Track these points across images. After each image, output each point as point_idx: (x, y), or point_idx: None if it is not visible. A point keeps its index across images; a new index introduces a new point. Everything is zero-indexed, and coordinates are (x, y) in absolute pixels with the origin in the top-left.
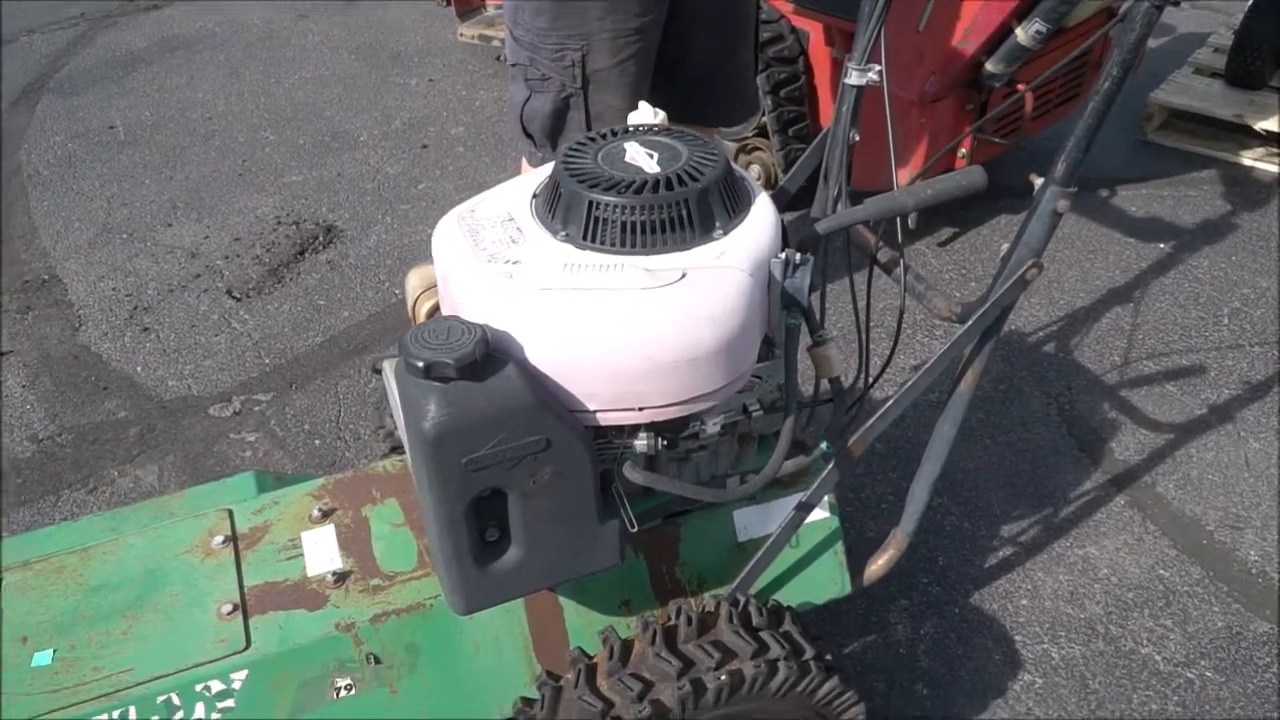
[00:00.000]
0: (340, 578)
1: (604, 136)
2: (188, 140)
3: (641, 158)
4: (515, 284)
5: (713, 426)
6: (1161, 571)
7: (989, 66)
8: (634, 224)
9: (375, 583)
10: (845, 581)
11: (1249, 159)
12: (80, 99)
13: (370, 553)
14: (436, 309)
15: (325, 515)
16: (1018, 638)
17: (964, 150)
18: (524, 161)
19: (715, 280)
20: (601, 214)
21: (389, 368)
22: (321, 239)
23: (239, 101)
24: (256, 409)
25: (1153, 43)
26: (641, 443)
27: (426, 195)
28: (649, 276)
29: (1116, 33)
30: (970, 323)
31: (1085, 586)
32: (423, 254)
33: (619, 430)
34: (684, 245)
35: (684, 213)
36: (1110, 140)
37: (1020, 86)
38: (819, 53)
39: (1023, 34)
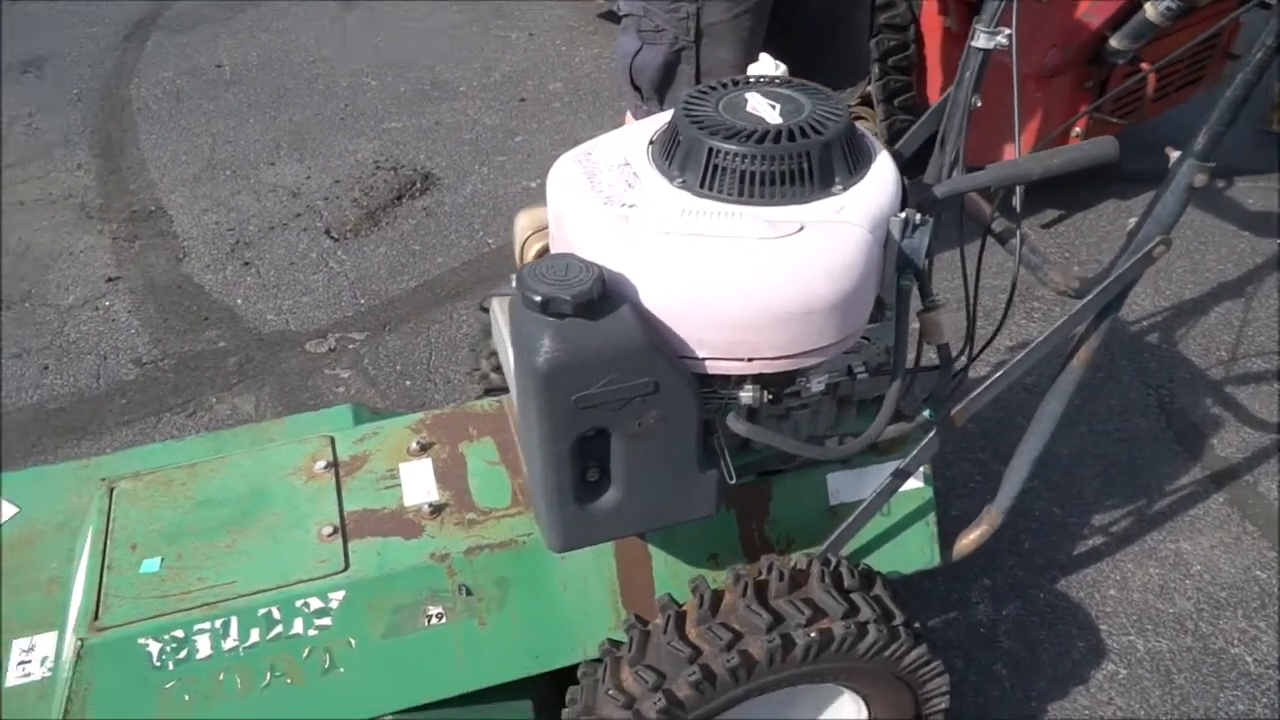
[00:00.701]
0: (436, 509)
1: (724, 86)
2: (292, 82)
3: (764, 108)
4: (632, 227)
5: (817, 384)
6: (1258, 573)
7: (1113, 43)
8: (753, 174)
9: (470, 517)
10: (935, 553)
11: None
12: (189, 37)
13: (466, 488)
14: (545, 251)
15: (423, 449)
16: (1103, 627)
17: (1079, 129)
18: (628, 115)
19: (834, 235)
20: (721, 162)
21: (498, 305)
22: (419, 185)
23: (343, 47)
24: (350, 347)
25: None
26: (747, 394)
27: (523, 148)
28: (768, 227)
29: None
30: (1090, 297)
31: (1176, 581)
32: (518, 205)
33: (725, 380)
34: (802, 198)
35: (805, 165)
36: (1232, 129)
37: (1144, 65)
38: (931, 21)
39: (1152, 9)
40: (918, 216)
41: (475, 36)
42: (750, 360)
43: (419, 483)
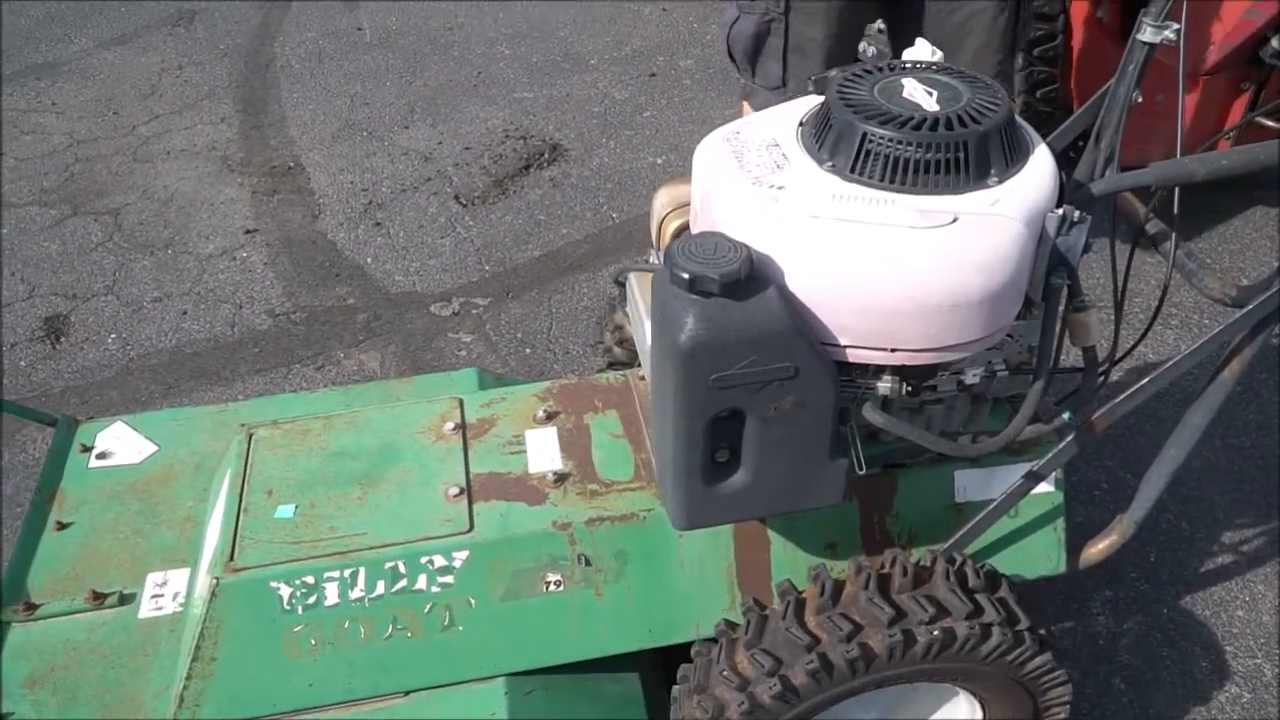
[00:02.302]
0: (560, 478)
1: (880, 70)
2: (428, 48)
3: (920, 94)
4: (782, 208)
5: (957, 379)
6: None
7: (1275, 43)
8: (907, 160)
9: (592, 488)
10: (1061, 560)
11: None
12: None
13: (589, 459)
14: (684, 228)
15: (549, 417)
16: (1228, 648)
17: (1231, 130)
18: (744, 105)
19: (988, 228)
20: (874, 147)
21: (635, 280)
22: (547, 156)
23: (478, 14)
24: (474, 312)
25: None
26: (885, 385)
27: (651, 124)
28: (920, 216)
29: None
30: (1250, 308)
31: None
32: (644, 180)
33: (864, 369)
34: (957, 189)
35: (961, 155)
36: None
37: None
38: (1082, 12)
39: None
40: (1075, 214)
41: (609, 9)
42: (893, 351)
43: (544, 450)
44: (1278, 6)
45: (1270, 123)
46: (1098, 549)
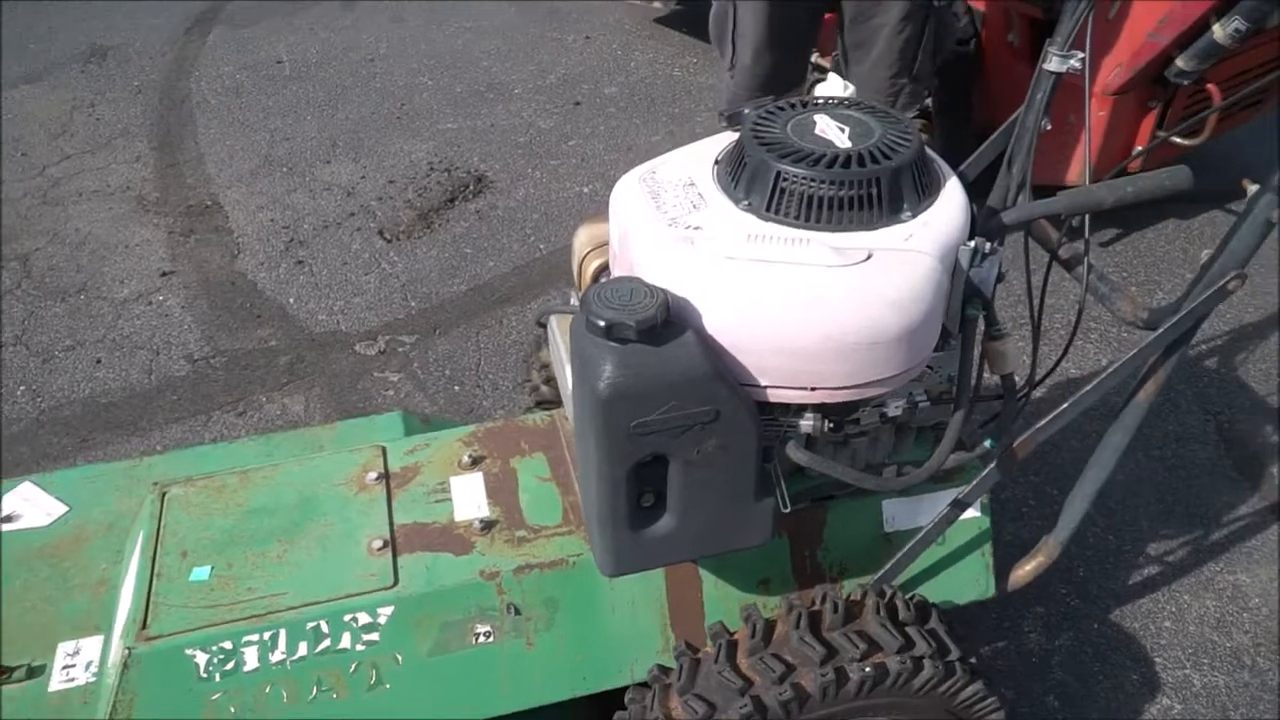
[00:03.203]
0: (487, 526)
1: (793, 107)
2: (349, 80)
3: (832, 131)
4: (697, 251)
5: (879, 413)
6: None
7: (1179, 63)
8: (821, 198)
9: (520, 534)
10: (990, 584)
11: None
12: (250, 32)
13: (517, 504)
14: (604, 268)
15: (475, 462)
16: (1158, 660)
17: (1140, 147)
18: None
19: (902, 264)
20: (788, 185)
21: (556, 323)
22: (472, 188)
23: (400, 46)
24: (400, 350)
25: None
26: (807, 423)
27: (576, 152)
28: (835, 254)
29: None
30: (1161, 330)
31: (1234, 615)
32: (571, 210)
33: (785, 408)
34: (871, 225)
35: (874, 191)
36: None
37: (1209, 86)
38: (994, 36)
39: (1220, 31)
40: (987, 245)
41: (531, 38)
42: (813, 390)
43: (470, 497)
44: (1181, 28)
45: (1180, 140)
46: (1025, 570)
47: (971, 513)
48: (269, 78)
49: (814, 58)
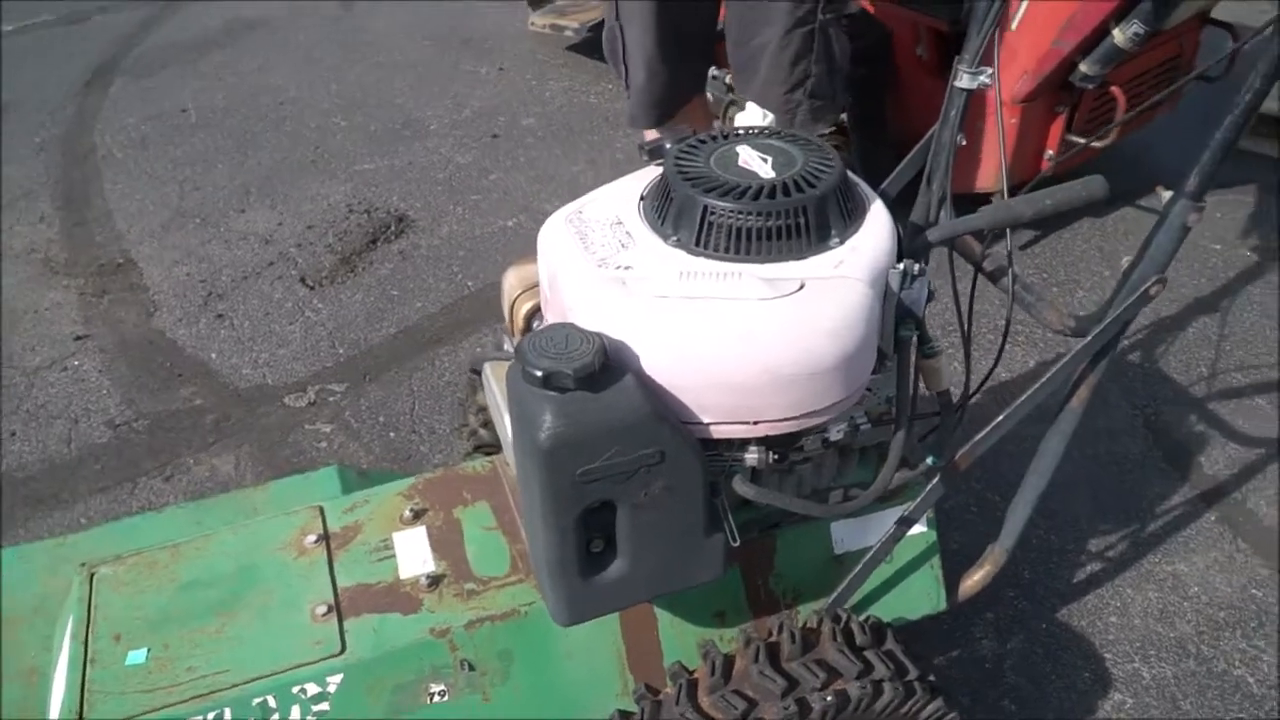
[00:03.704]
0: (434, 581)
1: (714, 139)
2: (259, 125)
3: (755, 162)
4: (629, 291)
5: (821, 440)
6: (1254, 591)
7: (1083, 68)
8: (749, 230)
9: (469, 587)
10: (941, 597)
11: None
12: (153, 80)
13: (463, 556)
14: (536, 310)
15: (417, 516)
16: (1107, 656)
17: (1050, 152)
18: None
19: (835, 291)
20: (716, 219)
21: (490, 370)
22: (393, 228)
23: (310, 87)
24: (331, 400)
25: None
26: (752, 456)
27: (498, 186)
28: (767, 286)
29: (1259, 46)
30: (1089, 339)
31: (1175, 604)
32: (497, 246)
33: (729, 443)
34: (800, 254)
35: (801, 220)
36: (1196, 143)
37: (1113, 89)
38: (904, 50)
39: (1120, 36)
40: (916, 267)
41: (444, 73)
42: (756, 423)
43: (414, 553)
44: (1083, 35)
45: (1085, 141)
46: (974, 580)
47: (918, 528)
48: (175, 127)
49: (727, 79)
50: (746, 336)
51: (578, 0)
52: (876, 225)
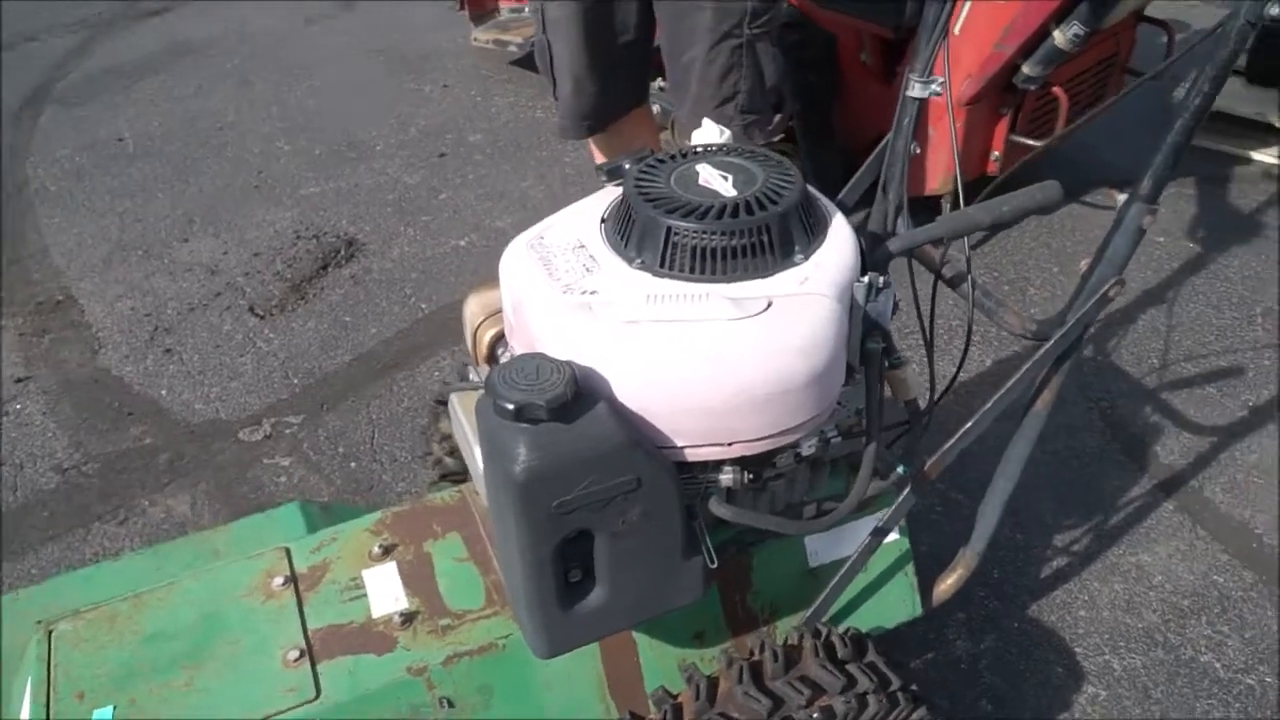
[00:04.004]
0: (408, 618)
1: (673, 158)
2: (200, 152)
3: (716, 180)
4: (597, 317)
5: (795, 454)
6: (1215, 577)
7: (1025, 69)
8: (714, 250)
9: (444, 622)
10: (916, 604)
11: (1270, 156)
12: (86, 109)
13: (436, 590)
14: (500, 337)
15: (386, 552)
16: (1078, 649)
17: (996, 153)
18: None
19: (803, 309)
20: (680, 240)
21: (457, 401)
22: (343, 253)
23: (250, 110)
24: (288, 432)
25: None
26: (727, 476)
27: (448, 205)
28: (735, 307)
29: (1209, 48)
30: (1051, 343)
31: (1141, 595)
32: (450, 267)
33: (703, 465)
34: (766, 272)
35: (765, 238)
36: (1136, 139)
37: (1055, 89)
38: (848, 57)
39: (1060, 37)
40: (880, 279)
41: (388, 92)
42: (731, 444)
43: (386, 590)
44: (1023, 38)
45: (1029, 141)
46: (947, 584)
47: (891, 536)
48: (111, 157)
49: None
50: (718, 358)
51: (520, 15)
52: (839, 239)
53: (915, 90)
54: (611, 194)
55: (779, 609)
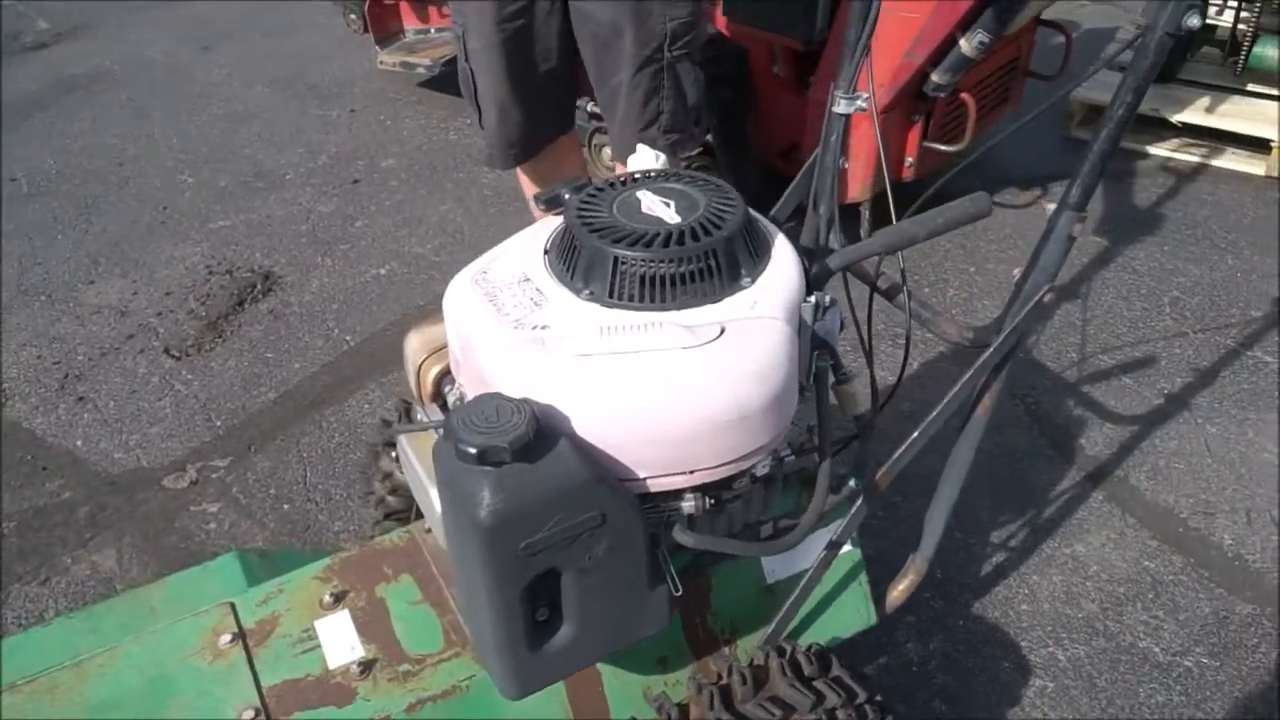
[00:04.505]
0: (366, 667)
1: (613, 186)
2: (99, 189)
3: (659, 207)
4: (551, 352)
5: (750, 475)
6: (1146, 563)
7: (934, 77)
8: (664, 278)
9: (404, 669)
10: (871, 613)
11: (1166, 150)
12: None
13: (393, 636)
14: (445, 374)
15: (337, 600)
16: (1023, 643)
17: (910, 159)
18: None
19: (756, 333)
20: (628, 269)
21: (408, 442)
22: (260, 287)
23: (150, 144)
24: (215, 476)
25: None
26: (688, 504)
27: (365, 233)
28: (690, 334)
29: (1130, 59)
30: (990, 351)
31: (1079, 585)
32: (372, 296)
33: (664, 494)
34: (715, 297)
35: (713, 263)
36: (1038, 139)
37: (963, 95)
38: (761, 70)
39: (967, 45)
40: (827, 298)
41: (292, 120)
42: (692, 473)
43: (341, 639)
44: (931, 47)
45: (941, 146)
46: (899, 591)
47: (844, 548)
48: (5, 199)
49: (589, 107)
50: (676, 388)
51: (427, 37)
52: (783, 260)
53: (841, 106)
54: (551, 224)
55: (739, 628)
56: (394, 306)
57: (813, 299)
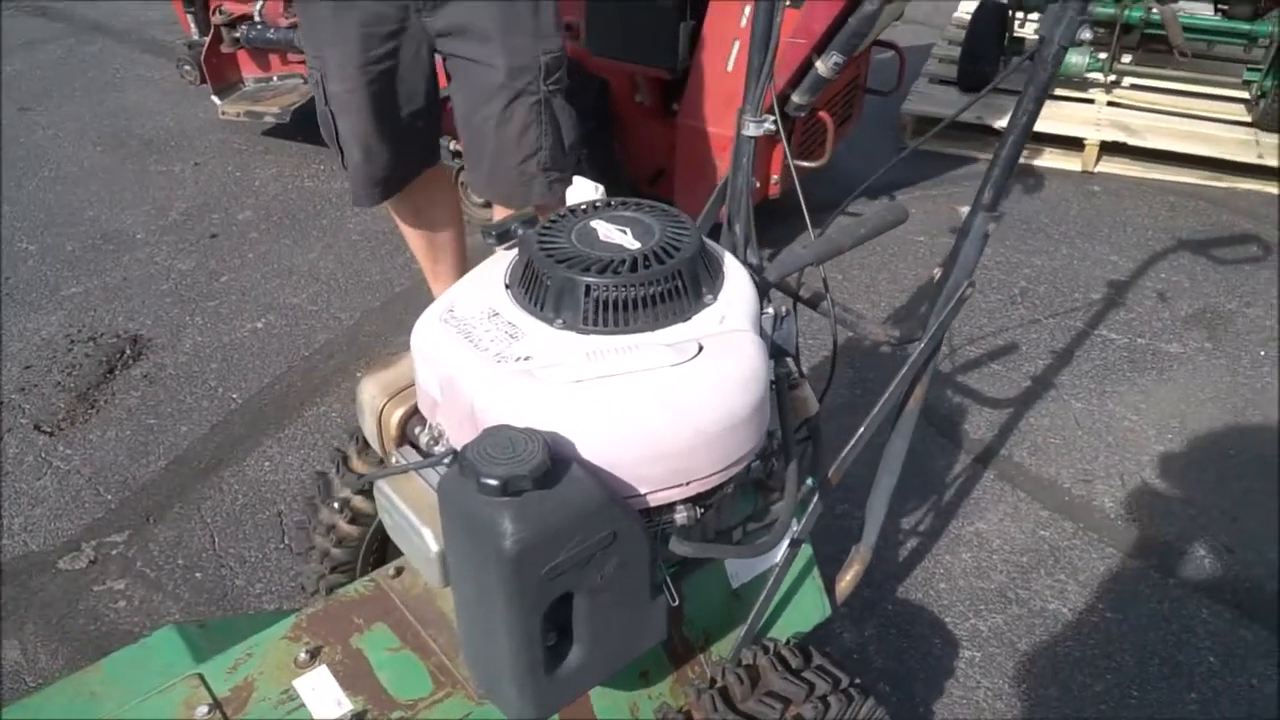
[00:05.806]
0: (358, 719)
1: (565, 216)
2: None
3: (616, 235)
4: (543, 382)
5: (731, 486)
6: (1042, 532)
7: (795, 98)
8: (636, 301)
9: (397, 715)
10: (826, 605)
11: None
12: None
13: (379, 685)
14: (410, 416)
15: (313, 656)
16: (947, 619)
17: (775, 176)
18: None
19: (731, 345)
20: (600, 296)
21: (388, 486)
22: (129, 351)
23: None
24: (115, 552)
25: (885, 57)
26: (681, 515)
27: (234, 288)
28: (674, 352)
29: (1028, 71)
30: (921, 347)
31: (986, 559)
32: (251, 350)
33: (660, 508)
34: (684, 315)
35: (680, 283)
36: (876, 151)
37: (820, 113)
38: (623, 99)
39: (822, 66)
40: (784, 309)
41: (133, 176)
42: (688, 484)
43: (324, 695)
44: (791, 71)
45: (802, 163)
46: (846, 581)
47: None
48: None
49: (452, 145)
50: (670, 404)
51: (270, 84)
52: (736, 276)
53: (750, 129)
54: (503, 259)
55: (712, 634)
56: (278, 360)
57: (770, 310)
